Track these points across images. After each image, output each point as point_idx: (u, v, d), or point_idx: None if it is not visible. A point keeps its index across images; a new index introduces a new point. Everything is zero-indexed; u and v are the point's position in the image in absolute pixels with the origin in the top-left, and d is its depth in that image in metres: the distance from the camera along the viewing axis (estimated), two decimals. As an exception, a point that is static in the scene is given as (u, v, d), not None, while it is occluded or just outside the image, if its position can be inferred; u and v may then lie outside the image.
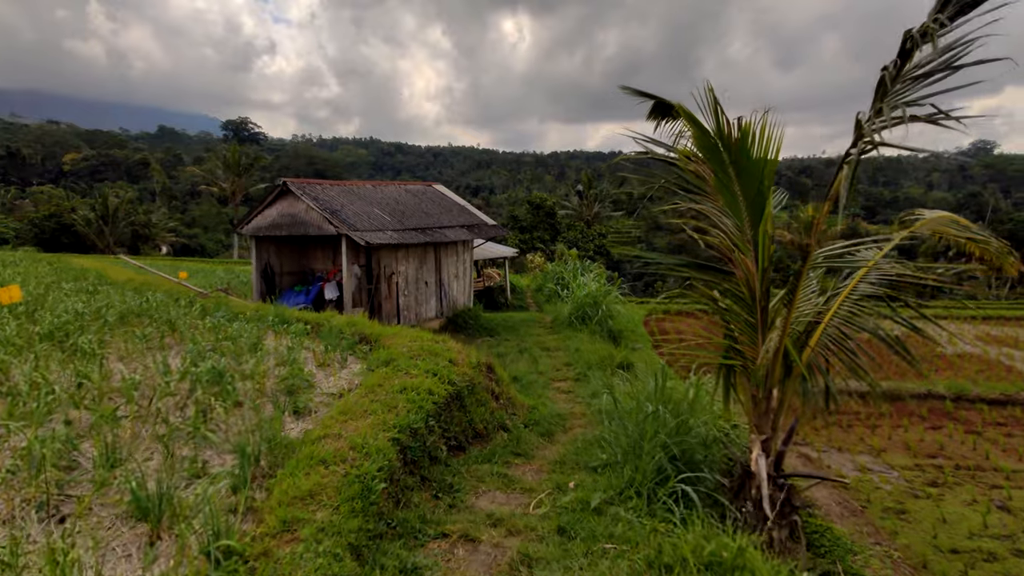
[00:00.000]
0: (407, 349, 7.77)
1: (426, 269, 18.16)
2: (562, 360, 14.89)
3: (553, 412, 9.43)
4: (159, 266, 28.04)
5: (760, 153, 5.25)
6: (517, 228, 52.75)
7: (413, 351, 7.72)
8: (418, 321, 17.91)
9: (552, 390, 12.51)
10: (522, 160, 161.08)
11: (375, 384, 6.46)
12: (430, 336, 8.59)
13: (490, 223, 20.30)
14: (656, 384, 6.87)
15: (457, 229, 18.61)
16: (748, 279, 5.59)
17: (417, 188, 20.27)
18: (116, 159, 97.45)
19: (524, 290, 29.01)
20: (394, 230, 16.27)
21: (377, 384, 6.46)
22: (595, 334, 17.75)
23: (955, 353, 16.94)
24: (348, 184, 17.87)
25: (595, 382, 12.68)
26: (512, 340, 17.50)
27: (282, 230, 15.94)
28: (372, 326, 9.40)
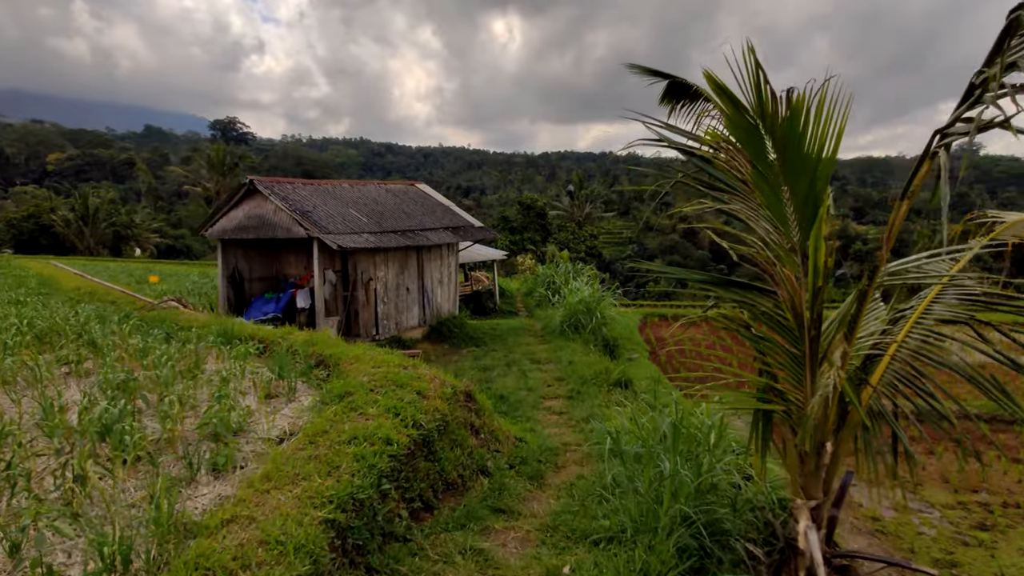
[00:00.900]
0: (368, 379, 6.40)
1: (407, 274, 16.77)
2: (553, 374, 13.57)
3: (543, 446, 8.08)
4: (130, 269, 26.44)
5: (815, 138, 3.93)
6: (507, 229, 51.44)
7: (375, 381, 6.36)
8: (399, 330, 16.52)
9: (542, 410, 11.18)
10: (513, 161, 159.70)
11: (320, 430, 5.09)
12: (398, 360, 7.22)
13: (477, 225, 18.94)
14: (672, 432, 5.51)
15: (441, 231, 17.23)
16: (794, 300, 4.26)
17: (398, 187, 18.87)
18: (101, 159, 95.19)
19: (514, 294, 27.67)
20: (371, 233, 14.87)
21: (322, 430, 5.09)
22: (588, 343, 16.43)
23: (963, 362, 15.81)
24: (322, 183, 16.46)
25: (590, 401, 11.37)
26: (500, 350, 16.15)
27: (249, 233, 14.50)
28: (334, 345, 8.02)
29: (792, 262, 4.36)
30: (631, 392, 11.95)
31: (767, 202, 4.34)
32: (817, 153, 3.94)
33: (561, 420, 10.59)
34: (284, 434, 5.52)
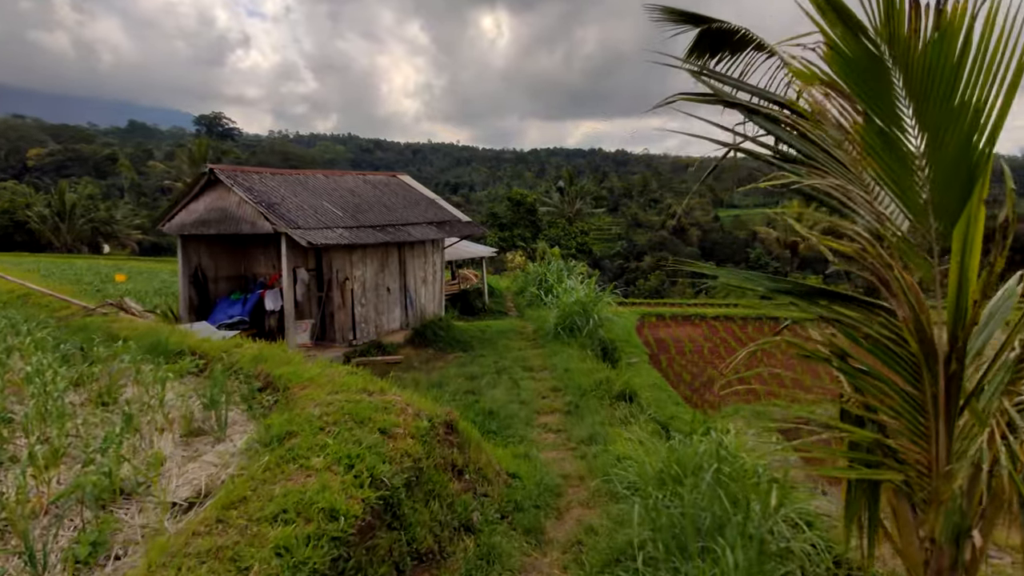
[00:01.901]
0: (321, 411, 4.92)
1: (388, 273, 15.24)
2: (548, 384, 12.13)
3: (541, 482, 6.64)
4: (99, 267, 24.66)
5: (978, 74, 2.49)
6: (497, 225, 49.97)
7: (329, 414, 4.87)
8: (379, 334, 15.00)
9: (537, 428, 9.75)
10: (502, 157, 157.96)
11: (238, 497, 3.61)
12: (361, 383, 5.73)
13: (464, 219, 17.43)
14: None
15: (424, 226, 15.72)
16: (919, 320, 2.83)
17: (378, 179, 17.31)
18: (83, 154, 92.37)
19: (504, 293, 26.20)
20: (346, 227, 13.33)
21: (241, 497, 3.61)
22: (585, 348, 15.00)
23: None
24: (293, 173, 14.88)
25: (591, 418, 9.95)
26: (489, 356, 14.69)
27: (210, 227, 12.90)
28: (287, 362, 6.52)
29: (922, 263, 2.93)
30: (637, 406, 10.55)
31: (886, 174, 2.91)
32: (981, 96, 2.51)
33: (559, 440, 9.16)
34: (197, 495, 4.03)
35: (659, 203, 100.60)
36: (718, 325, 19.84)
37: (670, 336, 18.56)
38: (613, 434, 9.01)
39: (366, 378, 6.17)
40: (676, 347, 17.25)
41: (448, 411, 6.10)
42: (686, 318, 20.82)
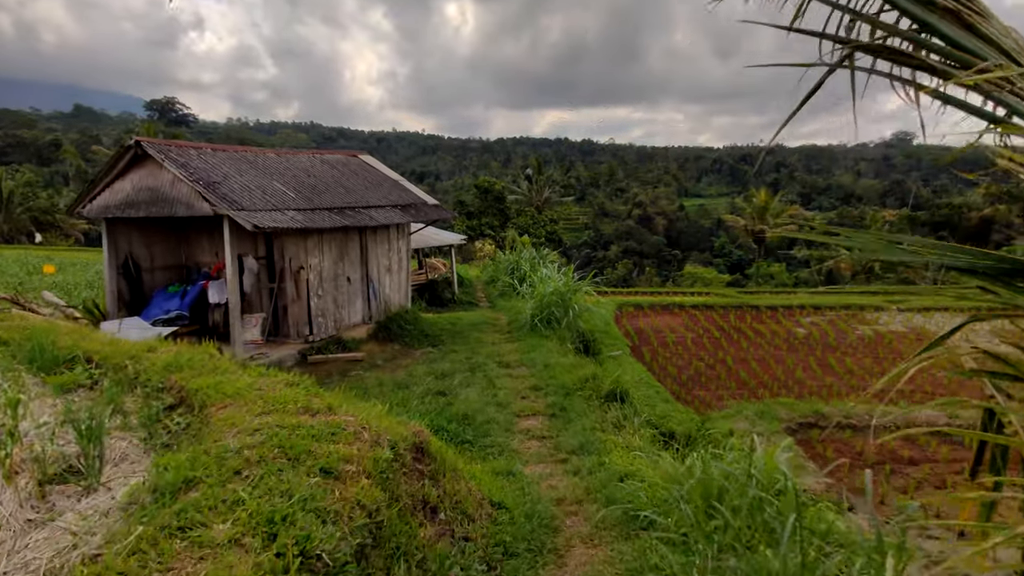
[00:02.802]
0: (241, 443, 3.52)
1: (348, 261, 13.69)
2: (527, 382, 10.86)
3: (532, 512, 5.36)
4: (28, 258, 22.26)
5: None
6: (464, 214, 48.40)
7: (253, 447, 3.48)
8: (338, 329, 13.47)
9: (519, 435, 8.47)
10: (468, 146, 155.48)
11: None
12: (303, 398, 4.33)
13: (431, 203, 15.94)
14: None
15: (388, 210, 14.19)
16: None
17: (337, 158, 15.66)
18: (24, 140, 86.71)
19: (474, 282, 24.82)
20: (299, 210, 11.74)
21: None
22: (564, 341, 13.79)
23: (977, 354, 14.00)
24: (239, 149, 13.15)
25: (579, 421, 8.72)
26: (461, 351, 13.33)
27: (139, 210, 11.14)
28: (210, 371, 5.05)
29: None
30: (629, 407, 9.37)
31: None
32: None
33: (545, 451, 7.90)
34: (33, 588, 2.60)
35: (625, 192, 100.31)
36: (698, 314, 18.91)
37: (650, 326, 17.52)
38: (607, 442, 7.81)
39: (310, 390, 4.75)
40: (658, 338, 16.20)
41: (417, 430, 4.75)
42: (664, 307, 19.83)
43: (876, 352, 14.36)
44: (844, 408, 9.01)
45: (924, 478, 7.33)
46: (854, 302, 19.38)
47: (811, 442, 8.46)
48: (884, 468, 7.50)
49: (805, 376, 12.74)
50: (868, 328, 16.58)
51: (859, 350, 14.62)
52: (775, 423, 8.63)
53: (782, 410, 9.08)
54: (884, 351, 14.43)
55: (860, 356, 14.06)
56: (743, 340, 15.84)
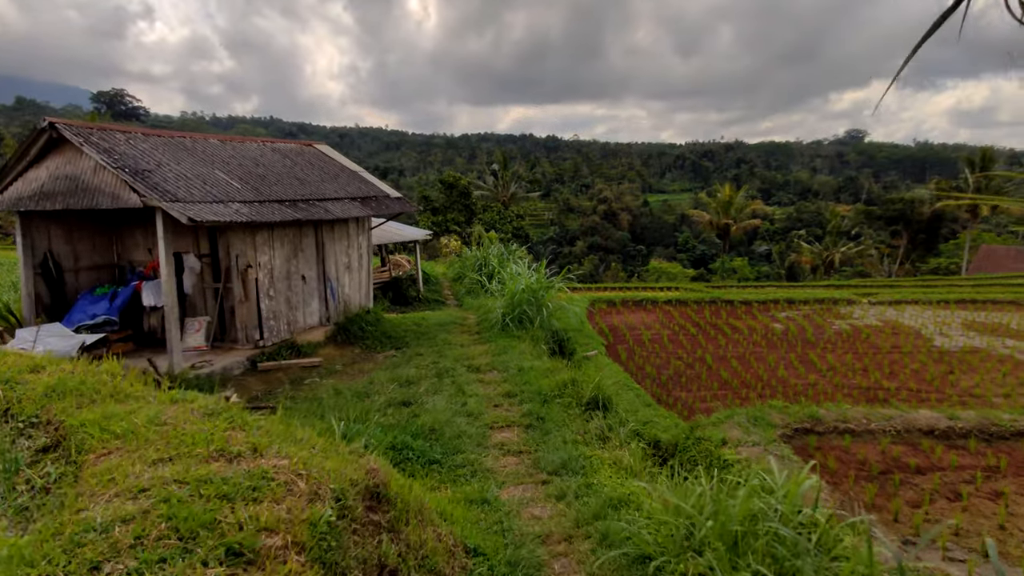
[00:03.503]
0: (115, 514, 2.50)
1: (302, 258, 12.49)
2: (500, 388, 9.93)
3: (515, 559, 4.43)
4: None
5: None
6: (429, 210, 47.14)
7: (134, 519, 2.47)
8: (292, 332, 12.28)
9: (492, 450, 7.54)
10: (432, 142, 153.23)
11: None
12: (219, 437, 3.29)
13: (394, 195, 14.80)
14: None
15: (346, 202, 13.02)
16: None
17: (290, 147, 14.37)
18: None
19: (440, 280, 23.74)
20: (245, 202, 10.51)
21: None
22: (538, 341, 12.91)
23: (952, 348, 13.69)
24: (176, 134, 11.77)
25: (558, 433, 7.84)
26: (427, 354, 12.31)
27: (56, 201, 9.74)
28: (110, 394, 3.95)
29: None
30: (613, 415, 8.53)
31: None
32: None
33: (522, 468, 7.00)
34: None
35: (590, 188, 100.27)
36: (672, 310, 18.29)
37: (624, 324, 16.79)
38: (592, 459, 6.94)
39: (235, 420, 3.71)
40: (633, 336, 15.47)
41: (372, 469, 3.75)
42: (637, 303, 19.15)
43: (856, 347, 13.93)
44: (840, 411, 8.36)
45: (935, 489, 6.70)
46: (828, 296, 19.11)
47: (809, 449, 7.77)
48: (893, 479, 6.84)
49: (788, 374, 12.17)
50: (844, 323, 16.22)
51: (838, 345, 14.18)
52: (770, 430, 7.92)
53: (775, 415, 8.38)
54: (863, 346, 14.02)
55: (840, 352, 13.60)
56: (720, 337, 15.25)
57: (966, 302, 18.30)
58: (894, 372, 12.13)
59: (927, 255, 55.88)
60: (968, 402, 10.24)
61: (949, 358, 12.94)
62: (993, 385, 11.18)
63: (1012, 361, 12.61)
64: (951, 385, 11.26)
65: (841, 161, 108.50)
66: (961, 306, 17.99)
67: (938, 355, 13.20)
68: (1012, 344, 13.93)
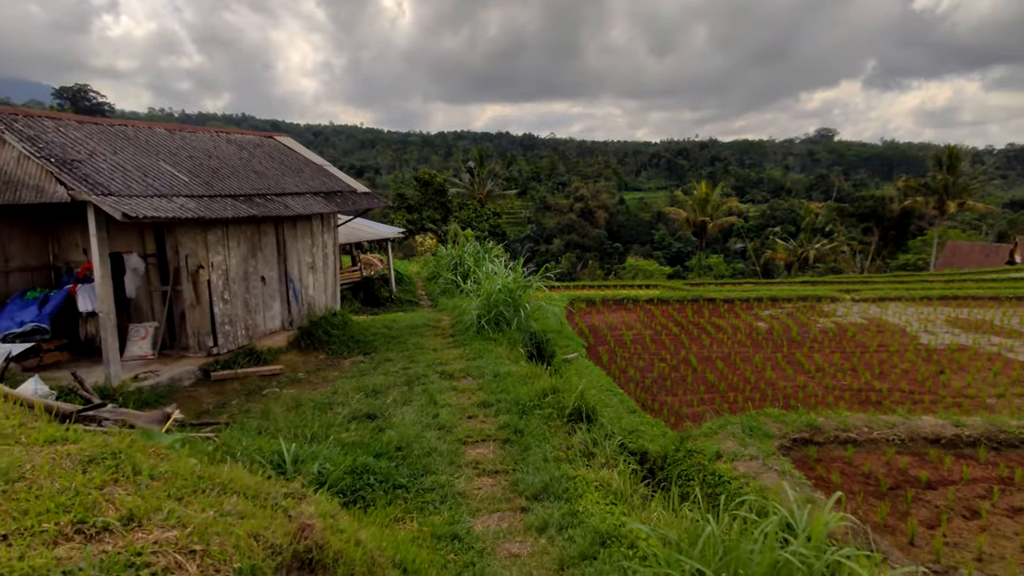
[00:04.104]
0: None
1: (262, 258, 11.51)
2: (475, 397, 9.13)
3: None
4: None
5: None
6: (404, 208, 46.05)
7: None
8: (251, 338, 11.30)
9: (466, 470, 6.74)
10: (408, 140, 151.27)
11: None
12: (87, 497, 2.47)
13: (361, 190, 13.86)
14: None
15: (309, 197, 12.06)
16: None
17: (248, 139, 13.32)
18: (-91, 128, 77.01)
19: (413, 279, 22.83)
20: (194, 196, 9.51)
21: None
22: (515, 344, 12.14)
23: (939, 345, 13.31)
24: (115, 122, 10.69)
25: (539, 449, 7.07)
26: (397, 359, 11.46)
27: (-26, 196, 8.62)
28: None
29: None
30: (599, 428, 7.79)
31: None
32: None
33: (499, 490, 6.21)
34: None
35: (567, 186, 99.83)
36: (654, 309, 17.68)
37: (604, 323, 16.12)
38: (577, 480, 6.18)
39: (121, 468, 2.84)
40: (614, 336, 14.81)
41: (305, 526, 2.92)
42: (618, 302, 18.51)
43: (842, 346, 13.46)
44: (840, 419, 7.75)
45: (949, 506, 6.10)
46: (811, 293, 18.71)
47: (809, 462, 7.14)
48: (905, 495, 6.23)
49: (776, 376, 11.61)
50: (828, 320, 15.79)
51: (824, 344, 13.70)
52: (767, 441, 7.27)
53: (771, 423, 7.74)
54: (849, 345, 13.57)
55: (827, 351, 13.12)
56: (704, 336, 14.67)
57: (948, 298, 18.05)
58: (884, 372, 11.65)
59: (897, 251, 56.62)
60: (963, 403, 9.77)
61: (938, 357, 12.52)
62: (985, 385, 10.75)
63: (1001, 359, 12.24)
64: (943, 386, 10.80)
65: (812, 159, 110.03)
66: (943, 302, 17.72)
67: (926, 354, 12.78)
68: (998, 341, 13.60)
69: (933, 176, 49.88)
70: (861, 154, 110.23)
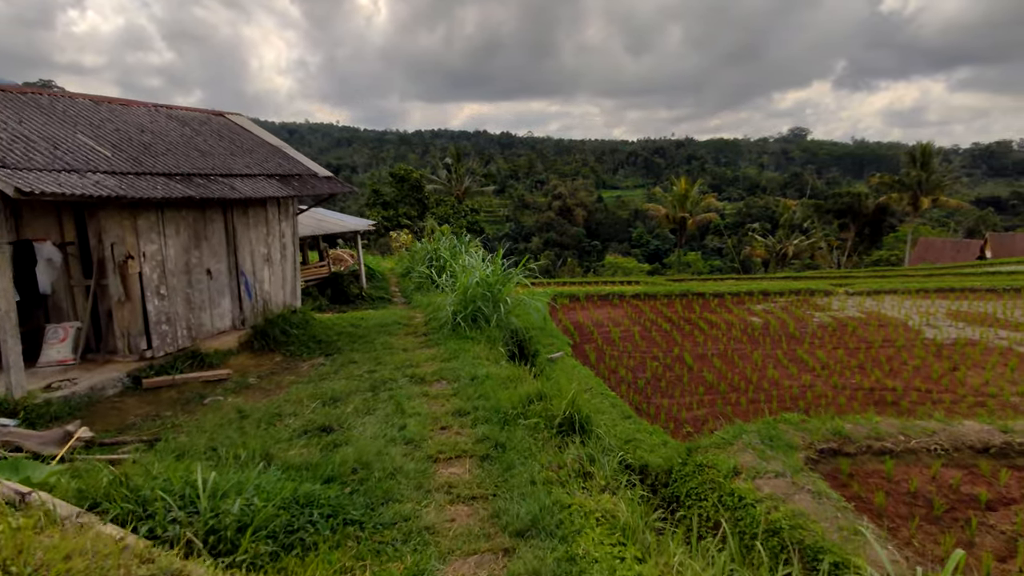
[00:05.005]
0: None
1: (207, 248, 10.05)
2: (449, 404, 7.85)
3: None
4: None
5: None
6: (380, 204, 44.46)
7: None
8: (195, 339, 9.84)
9: (437, 497, 5.45)
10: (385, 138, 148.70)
11: None
12: None
13: (323, 174, 12.43)
14: None
15: (262, 180, 10.62)
16: None
17: (193, 115, 11.79)
18: None
19: (387, 276, 21.41)
20: (116, 173, 8.04)
21: None
22: (495, 343, 10.88)
23: (945, 340, 12.43)
24: (29, 91, 9.16)
25: (524, 469, 5.83)
26: (362, 361, 10.12)
27: None
28: None
29: None
30: (595, 442, 6.57)
31: None
32: None
33: (477, 526, 4.94)
34: None
35: (545, 184, 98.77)
36: (641, 304, 16.58)
37: (590, 320, 14.94)
38: (572, 510, 4.95)
39: None
40: (601, 334, 13.64)
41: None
42: (603, 298, 17.37)
43: (845, 342, 12.50)
44: (871, 425, 6.66)
45: (1020, 532, 5.01)
46: (803, 287, 17.79)
47: (842, 477, 6.03)
48: (966, 520, 5.13)
49: (779, 374, 10.56)
50: (825, 315, 14.85)
51: (825, 340, 12.72)
52: (791, 453, 6.14)
53: (792, 431, 6.62)
54: (852, 340, 12.61)
55: (830, 347, 12.13)
56: (697, 332, 13.59)
57: (944, 291, 17.29)
58: (894, 370, 10.66)
59: (872, 248, 56.73)
60: (987, 403, 8.79)
61: (948, 352, 11.60)
62: (1005, 383, 9.81)
63: (1015, 355, 11.36)
64: (960, 383, 9.84)
65: (786, 158, 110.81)
66: (940, 295, 16.94)
67: (935, 349, 11.86)
68: (1006, 335, 12.75)
69: (907, 172, 49.93)
70: (833, 153, 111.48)
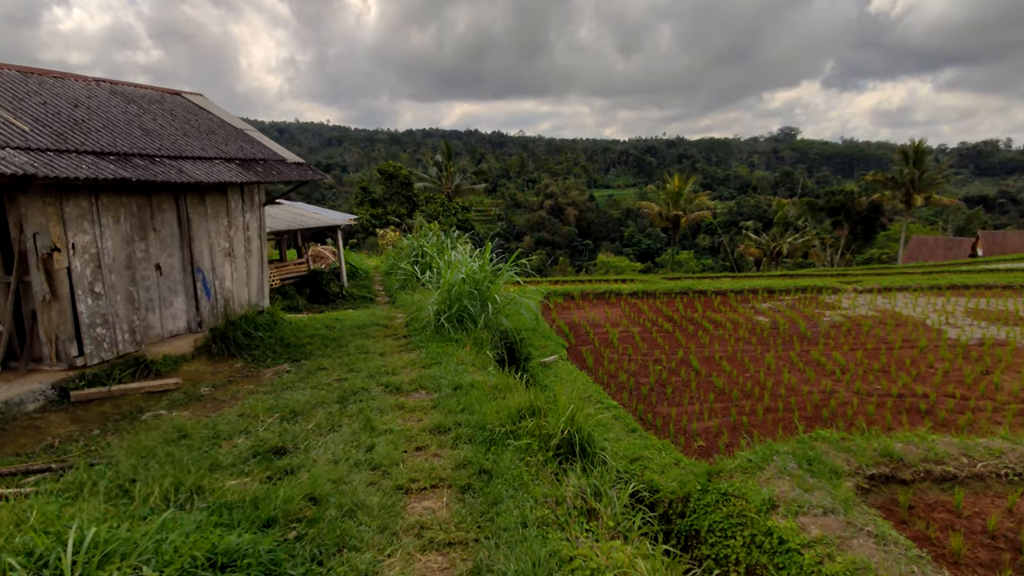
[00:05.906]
0: None
1: (156, 240, 8.80)
2: (428, 419, 6.66)
3: None
4: None
5: None
6: (368, 201, 43.18)
7: None
8: (139, 344, 8.58)
9: (405, 541, 4.26)
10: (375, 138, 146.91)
11: None
12: None
13: (291, 159, 11.18)
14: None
15: (219, 163, 9.36)
16: None
17: (141, 92, 10.50)
18: None
19: (370, 274, 20.15)
20: (28, 149, 6.79)
21: None
22: (483, 346, 9.70)
23: (970, 340, 11.40)
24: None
25: (513, 504, 4.65)
26: (333, 368, 8.91)
27: None
28: None
29: None
30: (598, 468, 5.40)
31: None
32: None
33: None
34: None
35: (537, 184, 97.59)
36: (640, 303, 15.47)
37: (586, 320, 13.80)
38: (576, 563, 3.81)
39: None
40: (598, 335, 12.50)
41: None
42: (599, 296, 16.24)
43: (862, 343, 11.44)
44: (926, 445, 5.56)
45: None
46: (810, 284, 16.75)
47: (900, 512, 4.91)
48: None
49: (796, 379, 9.47)
50: (836, 313, 13.80)
51: (841, 341, 11.66)
52: (838, 482, 5.02)
53: (833, 452, 5.50)
54: (869, 341, 11.56)
55: (847, 348, 11.07)
56: (701, 333, 12.49)
57: (958, 287, 16.30)
58: (921, 374, 9.60)
59: (865, 246, 56.06)
60: (1036, 412, 7.73)
61: (977, 354, 10.56)
62: None
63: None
64: (997, 389, 8.78)
65: (776, 157, 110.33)
66: (955, 292, 15.95)
67: (961, 350, 10.81)
68: (1034, 334, 11.74)
69: (900, 170, 49.26)
70: (823, 152, 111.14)
